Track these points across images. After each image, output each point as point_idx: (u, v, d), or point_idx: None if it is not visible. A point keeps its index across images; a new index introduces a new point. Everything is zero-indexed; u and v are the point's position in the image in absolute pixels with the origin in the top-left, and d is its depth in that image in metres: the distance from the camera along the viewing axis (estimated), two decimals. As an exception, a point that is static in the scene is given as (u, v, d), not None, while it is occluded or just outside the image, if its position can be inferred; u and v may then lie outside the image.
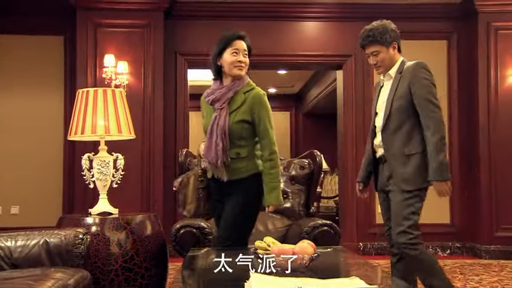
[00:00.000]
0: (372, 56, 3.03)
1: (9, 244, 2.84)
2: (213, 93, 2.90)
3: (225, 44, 2.90)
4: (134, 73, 5.69)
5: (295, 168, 3.95)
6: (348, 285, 1.75)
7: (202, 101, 3.02)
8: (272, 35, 6.25)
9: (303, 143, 11.18)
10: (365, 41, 3.03)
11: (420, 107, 2.90)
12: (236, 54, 2.88)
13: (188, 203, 2.96)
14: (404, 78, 2.95)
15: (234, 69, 2.87)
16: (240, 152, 2.86)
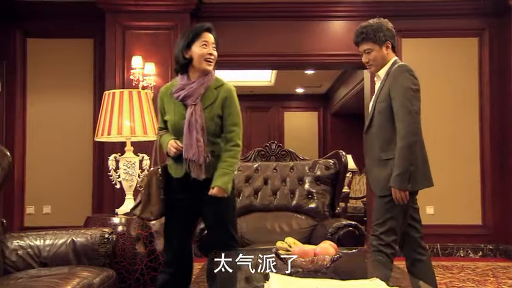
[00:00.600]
0: (364, 53, 3.00)
1: (38, 243, 2.91)
2: (183, 89, 2.74)
3: (194, 36, 2.75)
4: (161, 74, 5.74)
5: (321, 168, 3.92)
6: (368, 286, 1.73)
7: (163, 96, 2.86)
8: (299, 35, 6.23)
9: (331, 143, 11.09)
10: (358, 38, 3.00)
11: (395, 111, 2.83)
12: (206, 47, 2.74)
13: (153, 204, 2.76)
14: (388, 80, 2.90)
15: (204, 63, 2.74)
16: (214, 149, 2.76)
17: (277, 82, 9.96)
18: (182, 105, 2.75)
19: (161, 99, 2.87)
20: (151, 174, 2.79)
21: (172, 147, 2.73)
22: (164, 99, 2.86)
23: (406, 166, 2.77)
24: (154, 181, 2.76)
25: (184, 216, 2.85)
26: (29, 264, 2.84)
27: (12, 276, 2.64)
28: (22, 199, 5.95)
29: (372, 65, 3.01)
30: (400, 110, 2.80)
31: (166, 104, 2.83)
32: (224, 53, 6.05)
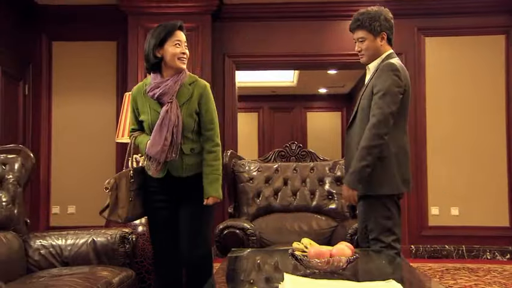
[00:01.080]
0: (358, 42, 2.89)
1: (60, 242, 2.97)
2: (158, 87, 2.68)
3: (166, 34, 2.70)
4: (183, 76, 5.77)
5: (341, 169, 3.88)
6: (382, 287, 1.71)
7: (136, 96, 2.80)
8: (320, 35, 6.20)
9: (355, 144, 11.00)
10: (353, 24, 2.89)
11: (371, 110, 2.72)
12: (179, 46, 2.71)
13: (121, 207, 2.67)
14: (376, 76, 2.78)
15: (178, 61, 2.70)
16: (194, 147, 2.74)
17: (299, 82, 9.92)
18: (158, 104, 2.70)
19: (133, 99, 2.81)
20: (120, 177, 2.71)
21: (144, 146, 2.74)
22: (137, 99, 2.80)
23: (360, 167, 2.69)
24: (123, 184, 2.69)
25: (167, 217, 2.78)
26: (51, 264, 2.90)
27: (34, 275, 2.70)
28: (48, 199, 6.06)
29: (364, 55, 2.88)
30: (374, 111, 2.69)
31: (140, 104, 2.77)
32: (245, 53, 6.19)
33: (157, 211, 2.79)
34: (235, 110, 6.25)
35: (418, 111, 6.09)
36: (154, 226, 2.83)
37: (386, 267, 2.35)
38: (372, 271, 2.30)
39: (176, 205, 2.78)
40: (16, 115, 5.64)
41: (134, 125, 2.86)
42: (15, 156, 3.02)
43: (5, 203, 2.84)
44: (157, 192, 2.77)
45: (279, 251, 2.42)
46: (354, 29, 2.90)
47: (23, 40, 5.88)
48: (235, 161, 3.99)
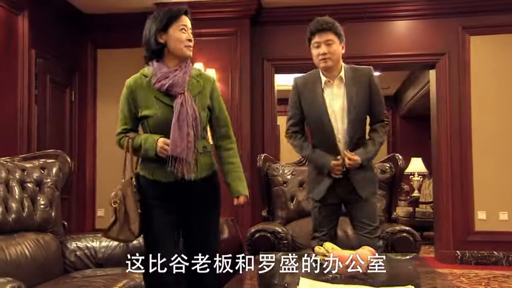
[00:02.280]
0: (324, 44, 2.84)
1: (95, 245, 3.06)
2: (167, 77, 2.37)
3: (170, 18, 2.43)
4: (222, 80, 5.83)
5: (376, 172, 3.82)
6: None
7: (135, 90, 2.42)
8: (361, 37, 6.11)
9: (401, 146, 10.77)
10: (323, 25, 2.85)
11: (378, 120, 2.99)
12: (185, 31, 2.46)
13: (132, 223, 2.34)
14: (359, 83, 2.86)
15: (184, 48, 2.44)
16: (205, 145, 2.50)
17: (343, 85, 9.81)
18: (166, 96, 2.39)
19: (131, 93, 2.43)
20: (124, 187, 2.39)
21: (166, 145, 2.35)
22: (137, 92, 2.42)
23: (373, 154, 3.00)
24: (129, 195, 2.36)
25: (173, 224, 2.48)
26: (86, 265, 3.00)
27: (69, 276, 2.80)
28: (93, 202, 6.25)
29: (329, 59, 2.85)
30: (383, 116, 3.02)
31: (143, 98, 2.41)
32: (285, 56, 6.19)
33: (161, 218, 2.43)
34: (275, 113, 6.26)
35: (463, 112, 5.91)
36: (157, 236, 2.44)
37: (410, 272, 2.30)
38: (394, 276, 2.26)
39: (182, 211, 2.48)
40: (63, 121, 5.85)
41: (128, 125, 2.47)
42: (54, 160, 3.14)
43: (43, 206, 2.95)
44: (164, 199, 2.44)
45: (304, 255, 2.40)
46: (323, 30, 2.86)
47: (70, 48, 6.10)
48: (269, 164, 4.00)
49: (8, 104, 4.78)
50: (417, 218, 7.95)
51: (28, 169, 2.98)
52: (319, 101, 2.86)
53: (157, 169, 2.43)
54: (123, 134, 2.49)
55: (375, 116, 3.00)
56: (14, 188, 2.82)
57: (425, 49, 6.07)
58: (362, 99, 2.86)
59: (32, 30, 5.13)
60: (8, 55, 4.80)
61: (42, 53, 5.38)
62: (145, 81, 2.43)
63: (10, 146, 4.69)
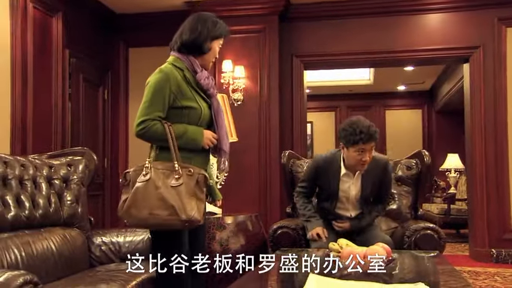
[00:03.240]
0: (369, 151, 3.04)
1: (119, 240, 3.14)
2: (208, 77, 2.53)
3: (221, 33, 2.60)
4: (250, 77, 5.86)
5: (402, 168, 3.78)
6: None
7: (178, 81, 2.43)
8: (392, 31, 6.02)
9: (437, 142, 10.57)
10: (373, 136, 3.02)
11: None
12: (218, 49, 2.64)
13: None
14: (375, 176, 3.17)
15: (211, 62, 2.63)
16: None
17: (376, 80, 9.70)
18: (203, 93, 2.52)
19: (175, 84, 2.41)
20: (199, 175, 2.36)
21: (213, 138, 2.50)
22: (177, 82, 2.43)
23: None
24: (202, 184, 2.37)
25: None
26: (110, 259, 3.08)
27: (94, 270, 2.88)
28: (126, 199, 6.37)
29: (367, 164, 3.10)
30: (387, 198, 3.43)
31: (183, 91, 2.43)
32: (314, 52, 6.15)
33: None
34: (304, 110, 6.23)
35: (498, 106, 5.75)
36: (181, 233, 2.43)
37: (428, 269, 2.26)
38: (411, 273, 2.23)
39: None
40: (96, 119, 6.00)
41: (162, 113, 2.39)
42: (80, 158, 3.22)
43: (70, 202, 3.04)
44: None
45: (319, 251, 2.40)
46: (373, 140, 3.03)
47: (103, 48, 6.24)
48: (293, 161, 3.99)
49: (43, 103, 4.93)
50: (453, 215, 7.78)
51: (55, 166, 3.07)
52: (334, 186, 3.21)
53: (193, 159, 2.46)
54: (157, 121, 2.38)
55: (380, 198, 3.32)
56: (42, 185, 2.91)
57: (458, 42, 5.92)
58: (374, 189, 3.22)
59: (65, 31, 5.27)
60: (43, 55, 4.95)
61: (76, 53, 5.53)
62: (180, 73, 2.47)
63: (45, 144, 4.84)
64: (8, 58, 4.48)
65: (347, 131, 3.03)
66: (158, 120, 2.38)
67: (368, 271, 1.99)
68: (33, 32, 4.74)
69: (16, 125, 4.50)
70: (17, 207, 2.68)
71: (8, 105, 4.47)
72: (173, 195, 2.27)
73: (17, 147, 4.46)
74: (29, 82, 4.69)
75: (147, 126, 2.37)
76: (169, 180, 2.30)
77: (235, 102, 5.79)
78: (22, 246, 2.59)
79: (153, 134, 2.38)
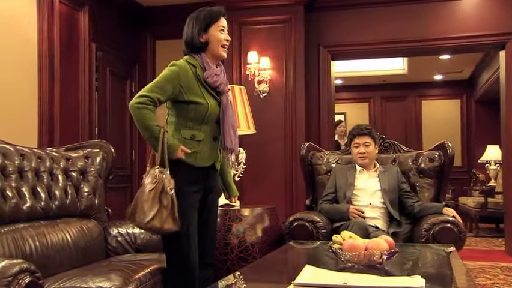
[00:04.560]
0: (362, 145, 3.51)
1: (135, 231, 3.18)
2: (217, 74, 2.52)
3: (211, 18, 2.55)
4: (276, 68, 5.81)
5: (424, 160, 3.67)
6: (402, 283, 1.60)
7: (187, 75, 2.45)
8: (424, 19, 5.86)
9: (476, 133, 10.24)
10: (363, 130, 3.55)
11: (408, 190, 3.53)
12: (223, 32, 2.59)
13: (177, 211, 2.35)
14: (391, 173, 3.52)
15: (220, 48, 2.56)
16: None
17: (411, 70, 9.46)
18: (213, 91, 2.51)
19: (184, 76, 2.44)
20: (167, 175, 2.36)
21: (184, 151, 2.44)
22: (187, 77, 2.46)
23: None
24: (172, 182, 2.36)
25: (199, 208, 2.54)
26: (126, 250, 3.12)
27: (108, 260, 2.92)
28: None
29: (366, 157, 3.51)
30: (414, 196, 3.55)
31: (191, 85, 2.46)
32: (341, 42, 6.05)
33: (194, 202, 2.49)
34: (332, 101, 6.14)
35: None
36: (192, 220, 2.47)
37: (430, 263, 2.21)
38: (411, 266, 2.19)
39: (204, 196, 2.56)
40: (124, 112, 6.07)
41: (162, 97, 2.41)
42: (98, 150, 3.26)
43: (87, 193, 3.09)
44: (194, 183, 2.49)
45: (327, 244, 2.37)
46: (362, 134, 3.54)
47: (130, 41, 6.32)
48: (313, 153, 3.94)
49: (70, 96, 5.03)
50: (490, 209, 7.53)
51: (73, 158, 3.12)
52: (351, 179, 3.53)
53: (201, 151, 2.49)
54: (151, 104, 2.38)
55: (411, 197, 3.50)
56: (58, 176, 2.96)
57: (493, 29, 5.71)
58: (393, 185, 3.48)
59: (92, 25, 5.36)
60: (70, 50, 5.05)
61: (103, 47, 5.61)
62: (193, 70, 2.50)
63: (72, 137, 4.94)
64: (35, 52, 4.59)
65: (349, 133, 3.66)
66: (154, 104, 2.39)
67: (369, 264, 1.98)
68: (59, 27, 4.84)
69: (43, 118, 4.61)
70: (33, 199, 2.73)
71: (36, 98, 4.58)
72: (142, 201, 2.33)
73: (44, 140, 4.58)
74: (56, 76, 4.79)
75: (143, 104, 2.37)
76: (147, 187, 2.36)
77: (261, 94, 5.76)
78: (37, 236, 2.64)
79: (141, 116, 2.38)
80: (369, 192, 3.47)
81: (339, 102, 10.72)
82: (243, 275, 2.12)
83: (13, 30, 4.37)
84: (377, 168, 3.54)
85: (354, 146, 3.54)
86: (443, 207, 3.28)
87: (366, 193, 3.47)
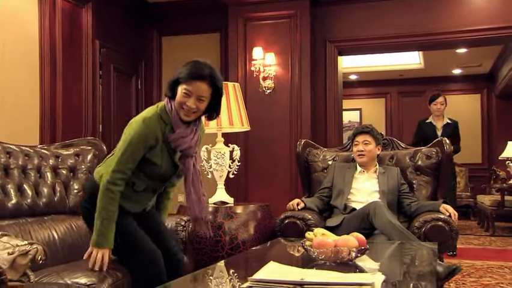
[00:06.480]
0: (362, 144, 3.48)
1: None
2: (184, 137, 2.36)
3: (183, 77, 2.35)
4: (281, 64, 5.75)
5: (421, 158, 3.59)
6: (361, 279, 1.60)
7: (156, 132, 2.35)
8: (435, 11, 5.72)
9: (497, 128, 10.00)
10: (364, 129, 3.55)
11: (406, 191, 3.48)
12: (186, 97, 2.31)
13: None
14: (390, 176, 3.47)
15: (181, 111, 2.33)
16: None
17: (427, 64, 9.28)
18: (175, 153, 2.42)
19: (152, 138, 2.34)
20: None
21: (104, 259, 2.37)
22: (156, 134, 2.35)
23: None
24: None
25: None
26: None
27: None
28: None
29: (364, 156, 3.48)
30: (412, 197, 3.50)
31: (157, 145, 2.37)
32: (349, 37, 5.95)
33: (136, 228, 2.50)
34: (339, 97, 6.05)
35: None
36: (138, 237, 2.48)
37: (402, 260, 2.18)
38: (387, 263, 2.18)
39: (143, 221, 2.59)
40: (129, 109, 6.10)
41: (136, 163, 2.36)
42: (90, 148, 3.26)
43: (76, 191, 3.10)
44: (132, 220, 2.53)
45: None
46: (363, 132, 3.53)
47: (135, 38, 6.34)
48: (310, 150, 3.89)
49: (74, 93, 5.07)
50: (507, 207, 7.34)
51: (63, 156, 3.14)
52: (349, 178, 3.51)
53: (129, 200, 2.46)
54: (122, 183, 2.34)
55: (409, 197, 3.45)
56: (47, 174, 2.99)
57: (507, 21, 5.54)
58: (392, 186, 3.44)
59: (96, 22, 5.39)
60: (73, 46, 5.09)
61: (107, 43, 5.64)
62: (162, 129, 2.37)
63: (75, 133, 4.97)
64: (36, 49, 4.64)
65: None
66: (126, 179, 2.36)
67: (338, 260, 1.97)
68: (61, 23, 4.87)
69: (45, 115, 4.67)
70: (19, 196, 2.76)
71: (37, 95, 4.64)
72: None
73: (46, 137, 4.63)
74: (58, 72, 4.83)
75: (116, 185, 2.33)
76: None
77: (266, 90, 5.71)
78: (21, 233, 2.65)
79: (107, 202, 2.33)
80: (366, 192, 3.47)
81: (355, 97, 10.62)
82: (211, 270, 2.12)
83: (15, 27, 4.43)
84: (377, 169, 3.52)
85: (355, 144, 3.55)
86: (440, 205, 3.20)
87: (364, 193, 3.47)
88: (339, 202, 3.45)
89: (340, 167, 3.62)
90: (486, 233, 7.56)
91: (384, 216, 2.96)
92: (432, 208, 3.22)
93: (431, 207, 3.23)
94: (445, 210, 3.13)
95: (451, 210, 3.13)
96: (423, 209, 3.26)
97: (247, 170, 5.67)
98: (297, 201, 3.48)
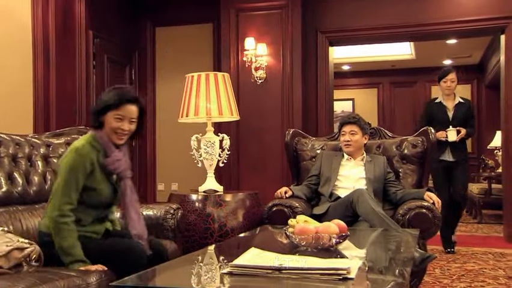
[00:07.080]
0: (349, 134, 3.55)
1: (118, 216, 3.20)
2: (119, 160, 2.48)
3: (111, 104, 2.43)
4: (273, 54, 5.79)
5: (408, 146, 3.66)
6: (336, 264, 1.66)
7: (91, 158, 2.43)
8: (425, 3, 5.79)
9: (487, 118, 10.08)
10: (350, 119, 3.61)
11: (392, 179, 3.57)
12: (120, 121, 2.43)
13: None
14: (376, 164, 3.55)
15: (114, 135, 2.45)
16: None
17: (419, 55, 9.34)
18: (111, 176, 2.51)
19: (90, 162, 2.42)
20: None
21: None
22: (92, 163, 2.43)
23: None
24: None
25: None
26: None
27: (85, 244, 2.96)
28: (154, 177, 6.55)
29: (351, 145, 3.55)
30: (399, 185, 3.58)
31: (94, 171, 2.45)
32: (340, 28, 5.98)
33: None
34: (330, 88, 6.10)
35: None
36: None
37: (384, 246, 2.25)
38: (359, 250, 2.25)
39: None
40: (124, 99, 6.13)
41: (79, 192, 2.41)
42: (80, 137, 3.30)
43: (66, 179, 3.14)
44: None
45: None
46: (349, 123, 3.58)
47: (129, 28, 6.36)
48: (298, 139, 3.95)
49: (67, 83, 5.10)
50: (494, 195, 7.44)
51: (54, 145, 3.18)
52: (336, 165, 3.59)
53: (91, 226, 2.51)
54: (71, 214, 2.37)
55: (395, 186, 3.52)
56: (37, 163, 3.03)
57: (493, 12, 5.60)
58: (379, 175, 3.51)
59: (89, 12, 5.40)
60: (66, 37, 5.10)
61: (100, 34, 5.66)
62: (95, 156, 2.46)
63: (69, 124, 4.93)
64: (29, 39, 4.66)
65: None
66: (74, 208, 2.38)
67: (320, 247, 2.02)
68: (54, 13, 4.88)
69: (39, 105, 4.69)
70: (9, 184, 2.80)
71: (30, 85, 4.66)
72: None
73: (39, 127, 4.66)
74: (51, 63, 4.86)
75: (66, 216, 2.36)
76: None
77: (258, 80, 5.76)
78: (11, 221, 2.71)
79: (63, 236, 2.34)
80: (353, 179, 3.53)
81: (348, 88, 10.68)
82: (194, 256, 2.16)
83: (7, 16, 4.44)
84: (364, 157, 3.59)
85: (342, 134, 3.63)
86: (424, 193, 3.28)
87: (350, 179, 3.54)
88: (326, 189, 3.52)
89: (327, 155, 3.70)
90: (474, 221, 7.68)
91: (367, 204, 3.03)
92: (417, 196, 3.29)
93: (416, 195, 3.31)
94: (429, 197, 3.21)
95: (434, 198, 3.20)
96: (408, 196, 3.33)
97: (239, 159, 5.74)
98: (284, 189, 3.55)
